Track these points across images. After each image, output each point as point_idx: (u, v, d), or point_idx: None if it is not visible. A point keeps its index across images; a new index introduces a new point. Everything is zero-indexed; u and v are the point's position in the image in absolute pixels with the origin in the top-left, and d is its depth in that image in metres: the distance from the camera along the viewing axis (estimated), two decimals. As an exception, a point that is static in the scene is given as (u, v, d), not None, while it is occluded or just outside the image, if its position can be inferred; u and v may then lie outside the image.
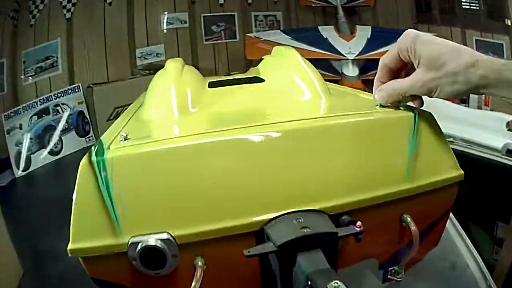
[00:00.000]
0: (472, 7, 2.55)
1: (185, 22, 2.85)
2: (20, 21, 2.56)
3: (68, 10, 2.62)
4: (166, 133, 0.57)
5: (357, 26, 2.57)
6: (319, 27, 2.61)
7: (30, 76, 2.63)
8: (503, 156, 1.34)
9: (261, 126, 0.51)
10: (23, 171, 2.39)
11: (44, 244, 1.43)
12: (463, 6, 2.52)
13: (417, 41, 0.53)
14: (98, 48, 2.73)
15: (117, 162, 0.46)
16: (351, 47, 2.37)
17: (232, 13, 2.94)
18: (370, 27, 2.55)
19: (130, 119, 0.69)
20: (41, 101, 2.58)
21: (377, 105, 0.57)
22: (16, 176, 2.35)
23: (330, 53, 2.36)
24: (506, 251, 1.29)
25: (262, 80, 0.84)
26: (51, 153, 2.51)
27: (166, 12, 2.81)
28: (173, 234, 0.46)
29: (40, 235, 1.53)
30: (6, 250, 1.14)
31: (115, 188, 0.46)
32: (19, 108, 2.52)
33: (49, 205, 1.70)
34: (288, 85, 0.72)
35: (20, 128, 2.49)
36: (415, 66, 0.54)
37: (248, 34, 2.68)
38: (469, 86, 0.50)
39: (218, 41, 2.94)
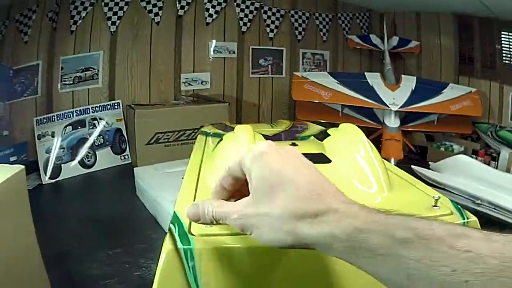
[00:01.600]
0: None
1: (234, 52, 2.80)
2: (60, 24, 2.55)
3: (113, 23, 2.62)
4: None
5: (402, 75, 2.56)
6: (366, 74, 2.56)
7: (68, 84, 2.61)
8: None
9: None
10: (51, 178, 2.34)
11: (70, 263, 1.33)
12: (504, 61, 2.55)
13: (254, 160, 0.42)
14: (142, 67, 2.70)
15: (206, 254, 0.48)
16: (395, 97, 2.33)
17: (281, 48, 2.90)
18: (414, 77, 2.53)
19: (197, 184, 0.70)
20: (78, 112, 2.55)
21: (433, 205, 0.57)
22: (43, 182, 2.32)
23: (375, 102, 2.33)
24: None
25: (329, 161, 0.83)
26: (83, 165, 2.46)
27: (214, 40, 2.77)
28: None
29: (66, 254, 1.42)
30: (37, 262, 1.08)
31: (203, 278, 0.47)
32: (53, 116, 2.50)
33: (75, 221, 1.64)
34: (355, 172, 0.73)
35: (52, 136, 2.46)
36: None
37: (295, 73, 2.60)
38: (297, 240, 0.37)
39: (265, 75, 2.89)
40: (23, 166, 0.96)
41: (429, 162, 1.97)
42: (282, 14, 2.88)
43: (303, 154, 0.81)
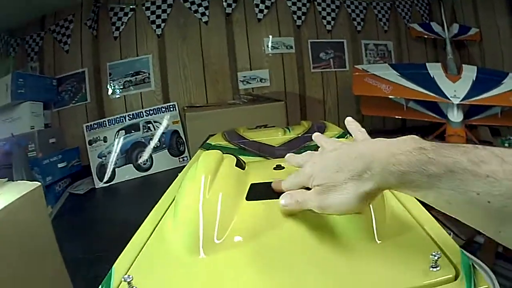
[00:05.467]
0: None
1: (291, 47, 2.66)
2: (101, 32, 2.54)
3: (158, 26, 2.56)
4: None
5: (463, 65, 2.36)
6: (427, 64, 2.39)
7: (118, 89, 2.56)
8: None
9: None
10: (105, 182, 2.33)
11: (101, 268, 1.22)
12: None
13: None
14: (195, 68, 2.61)
15: None
16: (456, 90, 2.15)
17: (341, 40, 2.73)
18: (475, 67, 2.34)
19: (152, 234, 0.61)
20: (130, 116, 2.48)
21: (431, 266, 0.44)
22: (96, 187, 2.31)
23: (436, 95, 2.15)
24: None
25: None
26: (138, 169, 2.40)
27: (271, 36, 2.64)
28: None
29: (101, 258, 1.39)
30: (58, 270, 1.12)
31: None
32: (104, 121, 2.46)
33: (121, 225, 1.57)
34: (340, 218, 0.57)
35: (105, 141, 2.43)
36: None
37: (356, 66, 2.44)
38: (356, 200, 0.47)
39: (327, 70, 2.73)
40: (39, 183, 1.07)
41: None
42: (337, 5, 2.73)
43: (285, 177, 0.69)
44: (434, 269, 0.44)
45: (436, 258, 0.44)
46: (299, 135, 1.17)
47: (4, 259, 0.90)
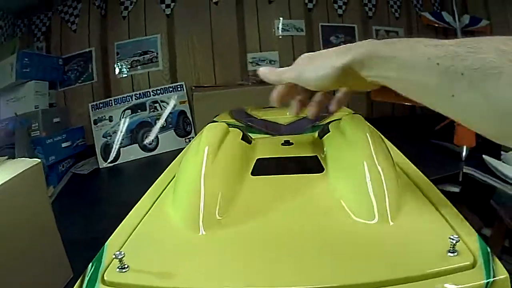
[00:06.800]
0: None
1: (301, 30, 2.63)
2: (109, 11, 2.51)
3: (168, 6, 2.52)
4: (174, 268, 0.43)
5: None
6: None
7: (126, 69, 2.52)
8: None
9: None
10: (110, 162, 2.29)
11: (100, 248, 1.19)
12: None
13: None
14: (204, 48, 2.57)
15: None
16: None
17: (352, 25, 2.70)
18: None
19: (148, 211, 0.57)
20: (137, 96, 2.44)
21: (449, 251, 0.41)
22: (100, 167, 2.28)
23: None
24: None
25: (321, 169, 0.64)
26: (144, 149, 2.37)
27: (281, 18, 2.60)
28: None
29: (100, 238, 1.27)
30: (57, 249, 1.11)
31: None
32: (110, 100, 2.43)
33: (123, 204, 1.48)
34: (350, 190, 0.55)
35: (110, 120, 2.39)
36: None
37: None
38: (331, 71, 0.45)
39: None
40: (39, 160, 1.05)
41: (502, 152, 1.77)
42: (349, -11, 2.69)
43: (294, 157, 0.72)
44: (452, 254, 0.41)
45: (454, 242, 0.41)
46: (306, 116, 1.14)
47: (1, 237, 0.88)
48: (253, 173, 0.65)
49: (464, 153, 1.93)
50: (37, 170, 1.03)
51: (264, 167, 0.68)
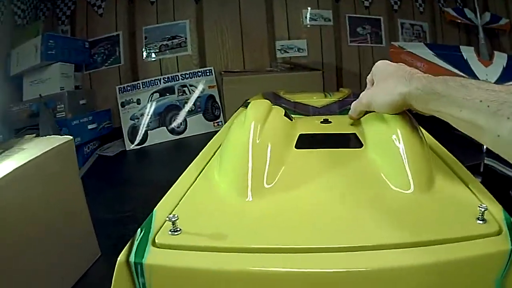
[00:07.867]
0: None
1: (329, 20, 2.67)
2: None
3: None
4: (225, 230, 0.46)
5: (495, 52, 2.39)
6: (461, 47, 2.44)
7: (154, 53, 2.56)
8: None
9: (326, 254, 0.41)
10: (137, 145, 2.31)
11: (127, 228, 1.28)
12: None
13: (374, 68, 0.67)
14: (233, 34, 2.61)
15: (157, 272, 0.40)
16: (488, 74, 2.18)
17: (378, 17, 2.74)
18: (506, 55, 2.37)
19: (195, 180, 0.60)
20: (166, 79, 2.48)
21: (478, 218, 0.45)
22: (127, 149, 2.28)
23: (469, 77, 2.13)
24: None
25: (360, 145, 0.70)
26: (172, 132, 2.39)
27: (309, 8, 2.65)
28: None
29: (126, 218, 1.38)
30: (86, 227, 1.10)
31: None
32: (138, 83, 2.45)
33: (149, 186, 1.59)
34: (387, 164, 0.60)
35: (138, 103, 2.41)
36: None
37: (393, 43, 2.47)
38: (399, 97, 0.56)
39: (364, 44, 2.73)
40: (71, 137, 1.03)
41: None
42: (375, -18, 2.73)
43: (334, 133, 0.77)
44: (480, 222, 0.45)
45: (483, 210, 0.45)
46: (340, 99, 1.18)
47: (32, 213, 0.88)
48: (296, 147, 0.68)
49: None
50: (69, 146, 1.03)
51: (307, 142, 0.71)
